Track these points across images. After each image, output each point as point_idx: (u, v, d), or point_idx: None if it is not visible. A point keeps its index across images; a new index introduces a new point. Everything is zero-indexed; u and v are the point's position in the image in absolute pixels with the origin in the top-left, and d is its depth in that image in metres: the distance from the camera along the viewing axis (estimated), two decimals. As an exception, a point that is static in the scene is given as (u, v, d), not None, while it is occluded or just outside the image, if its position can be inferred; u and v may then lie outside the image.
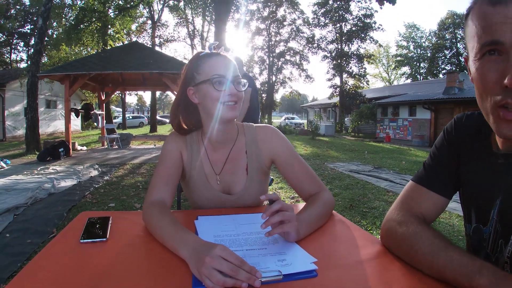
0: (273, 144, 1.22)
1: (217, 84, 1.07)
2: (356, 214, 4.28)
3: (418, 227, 0.78)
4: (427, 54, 43.75)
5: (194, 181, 1.20)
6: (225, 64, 1.09)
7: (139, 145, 13.77)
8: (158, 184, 1.10)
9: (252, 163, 1.22)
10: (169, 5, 28.94)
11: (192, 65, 1.14)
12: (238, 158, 1.22)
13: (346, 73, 31.07)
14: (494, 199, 0.75)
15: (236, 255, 0.68)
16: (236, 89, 1.09)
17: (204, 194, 1.20)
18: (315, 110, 38.13)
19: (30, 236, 3.39)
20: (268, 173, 1.28)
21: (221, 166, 1.21)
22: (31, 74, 10.69)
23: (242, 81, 1.12)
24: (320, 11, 31.95)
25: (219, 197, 1.20)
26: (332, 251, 0.86)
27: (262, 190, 1.25)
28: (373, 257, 0.81)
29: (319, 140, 17.85)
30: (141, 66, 10.37)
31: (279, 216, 0.82)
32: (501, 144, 0.76)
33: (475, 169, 0.81)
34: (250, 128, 1.26)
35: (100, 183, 6.03)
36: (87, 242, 0.86)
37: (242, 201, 1.21)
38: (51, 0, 12.16)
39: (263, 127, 1.27)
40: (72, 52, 20.21)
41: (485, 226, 0.78)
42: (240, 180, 1.21)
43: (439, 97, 16.31)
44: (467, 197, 0.85)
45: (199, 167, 1.20)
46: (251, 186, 1.21)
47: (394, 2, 13.75)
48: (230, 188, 1.22)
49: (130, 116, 38.49)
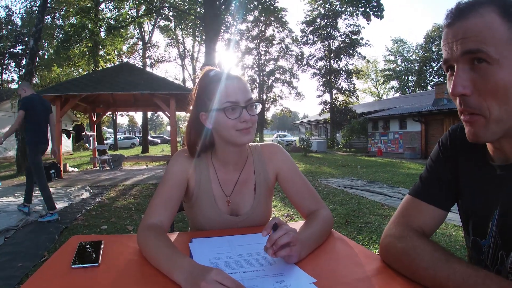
0: (277, 160, 1.24)
1: (230, 112, 1.04)
2: (352, 229, 4.25)
3: (417, 241, 0.77)
4: (415, 67, 44.72)
5: (201, 202, 1.17)
6: (236, 89, 1.05)
7: (131, 166, 13.65)
8: (158, 206, 1.06)
9: (260, 183, 1.21)
10: (159, 26, 29.30)
11: (202, 90, 1.11)
12: (247, 179, 1.21)
13: (336, 89, 31.47)
14: (492, 210, 0.75)
15: (233, 279, 0.66)
16: (250, 114, 1.06)
17: (211, 216, 1.17)
18: (307, 127, 38.39)
19: (21, 259, 3.30)
20: (272, 191, 1.27)
21: (231, 188, 1.19)
22: (22, 94, 10.62)
23: (255, 104, 1.08)
24: (308, 29, 32.59)
25: (226, 219, 1.17)
26: (331, 270, 0.84)
27: (268, 208, 1.24)
28: (374, 274, 0.80)
29: (312, 157, 17.89)
30: (132, 87, 10.40)
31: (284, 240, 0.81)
32: (496, 155, 0.76)
33: (472, 181, 0.81)
34: (256, 148, 1.27)
35: (92, 205, 5.92)
36: (78, 267, 0.83)
37: (248, 221, 1.19)
38: (43, 21, 12.23)
39: (268, 145, 1.28)
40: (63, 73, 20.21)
41: (483, 239, 0.78)
42: (248, 200, 1.20)
43: (429, 109, 16.55)
44: (465, 209, 0.84)
45: (207, 188, 1.17)
46: (258, 206, 1.20)
47: (381, 17, 14.09)
48: (237, 209, 1.19)
49: (122, 137, 38.29)
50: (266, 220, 1.24)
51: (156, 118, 79.39)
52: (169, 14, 21.43)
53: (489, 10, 0.64)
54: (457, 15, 0.67)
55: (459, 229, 4.16)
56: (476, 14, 0.64)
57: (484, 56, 0.63)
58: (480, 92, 0.65)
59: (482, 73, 0.64)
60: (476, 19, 0.64)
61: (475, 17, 0.64)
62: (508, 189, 0.72)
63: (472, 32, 0.64)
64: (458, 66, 0.67)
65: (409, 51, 46.56)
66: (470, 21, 0.64)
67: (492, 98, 0.64)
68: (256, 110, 1.09)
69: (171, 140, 11.37)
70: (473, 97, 0.65)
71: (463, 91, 0.65)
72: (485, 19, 0.63)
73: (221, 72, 1.11)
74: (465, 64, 0.66)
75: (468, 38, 0.64)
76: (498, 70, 0.62)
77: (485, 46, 0.62)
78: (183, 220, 4.53)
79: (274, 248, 0.79)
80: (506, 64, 0.62)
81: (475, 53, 0.63)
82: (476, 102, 0.65)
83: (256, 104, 1.09)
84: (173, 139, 11.10)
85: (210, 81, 1.09)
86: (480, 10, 0.64)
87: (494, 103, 0.64)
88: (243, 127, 1.05)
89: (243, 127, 1.05)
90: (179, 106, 11.28)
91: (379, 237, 3.84)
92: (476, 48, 0.63)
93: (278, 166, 1.23)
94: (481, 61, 0.64)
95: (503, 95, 0.63)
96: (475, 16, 0.64)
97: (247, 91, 1.07)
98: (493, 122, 0.65)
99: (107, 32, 18.20)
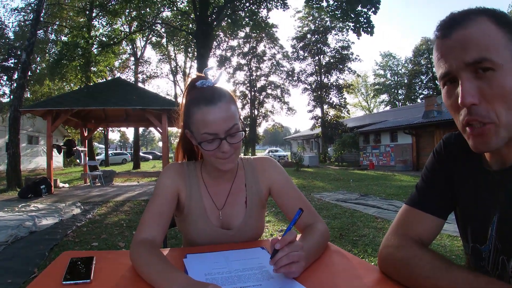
0: (270, 174, 1.21)
1: (207, 144, 0.99)
2: (346, 243, 4.22)
3: (417, 250, 0.77)
4: (404, 80, 45.51)
5: (192, 216, 1.14)
6: (216, 119, 0.97)
7: (123, 182, 13.49)
8: (149, 221, 1.02)
9: (252, 196, 1.18)
10: (151, 42, 29.46)
11: (185, 108, 1.06)
12: (238, 191, 1.18)
13: (327, 104, 31.80)
14: (491, 216, 0.75)
15: None
16: (230, 145, 1.00)
17: (202, 230, 1.14)
18: (298, 142, 38.55)
19: (11, 276, 3.23)
20: (265, 205, 1.25)
21: (223, 201, 1.17)
22: (14, 108, 10.58)
23: (237, 131, 1.01)
24: (298, 45, 33.10)
25: (218, 232, 1.14)
26: (330, 283, 0.82)
27: (260, 223, 1.22)
28: (373, 285, 0.78)
29: (304, 172, 17.91)
30: (124, 102, 10.37)
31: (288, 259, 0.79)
32: (491, 160, 0.77)
33: (468, 188, 0.82)
34: (248, 161, 1.24)
35: (83, 221, 5.82)
36: (70, 284, 0.80)
37: (241, 235, 1.16)
38: (35, 35, 12.25)
39: (260, 158, 1.26)
40: (55, 88, 20.11)
41: (483, 245, 0.78)
42: (239, 214, 1.17)
43: (419, 121, 16.77)
44: (463, 216, 0.84)
45: (198, 201, 1.14)
46: (250, 219, 1.17)
47: (371, 33, 14.34)
48: (229, 223, 1.17)
49: (113, 153, 37.97)
50: (258, 234, 1.22)
51: (147, 134, 79.12)
52: (161, 30, 21.59)
53: (483, 19, 0.65)
54: (452, 25, 0.67)
55: (454, 239, 4.16)
56: (472, 22, 0.65)
57: (489, 65, 0.63)
58: (488, 100, 0.65)
59: (488, 80, 0.64)
60: (473, 27, 0.65)
61: (472, 26, 0.65)
62: (506, 193, 0.72)
63: (472, 40, 0.64)
64: (462, 76, 0.66)
65: (398, 65, 47.50)
66: (468, 29, 0.65)
67: (500, 103, 0.64)
68: (240, 136, 1.03)
69: (163, 156, 11.29)
70: (481, 106, 0.65)
71: (472, 101, 0.64)
72: (482, 26, 0.64)
73: (210, 84, 1.05)
74: (470, 73, 0.65)
75: (469, 48, 0.64)
76: (503, 75, 0.63)
77: (488, 54, 0.63)
78: (176, 237, 4.46)
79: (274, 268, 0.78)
80: (509, 69, 0.63)
81: (480, 62, 0.64)
82: (484, 110, 0.65)
83: (238, 129, 1.02)
84: (165, 155, 11.02)
85: (191, 102, 1.03)
86: (475, 18, 0.65)
87: (502, 109, 0.64)
88: (222, 156, 1.01)
89: (222, 157, 1.01)
90: (171, 122, 11.21)
91: (374, 250, 3.82)
92: (481, 57, 0.63)
93: (271, 180, 1.20)
94: (486, 69, 0.64)
95: (511, 99, 0.64)
96: (471, 24, 0.65)
97: (228, 119, 0.98)
98: (503, 127, 0.65)
99: (99, 49, 18.24)
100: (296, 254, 0.80)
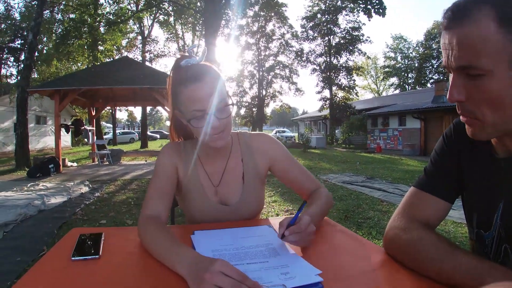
0: (270, 151, 1.22)
1: (196, 121, 0.99)
2: (351, 225, 4.25)
3: (423, 232, 0.77)
4: (415, 64, 44.62)
5: (191, 194, 1.16)
6: (203, 94, 0.97)
7: (130, 161, 13.64)
8: (152, 198, 1.06)
9: (249, 171, 1.20)
10: (159, 21, 29.13)
11: (172, 90, 1.05)
12: (235, 167, 1.20)
13: (336, 85, 31.45)
14: (497, 203, 0.75)
15: (238, 270, 0.65)
16: (219, 120, 0.99)
17: (201, 206, 1.16)
18: (306, 123, 38.37)
19: (20, 254, 3.30)
20: (264, 181, 1.26)
21: (219, 178, 1.18)
22: (21, 89, 10.61)
23: (226, 106, 1.01)
24: (308, 25, 32.47)
25: (217, 209, 1.16)
26: (336, 262, 0.83)
27: (259, 198, 1.23)
28: (379, 267, 0.79)
29: (311, 153, 17.90)
30: (131, 81, 10.34)
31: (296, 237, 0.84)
32: (500, 148, 0.76)
33: (476, 174, 0.81)
34: (245, 136, 1.25)
35: (91, 200, 5.92)
36: (79, 260, 0.82)
37: (240, 210, 1.18)
38: (42, 15, 12.17)
39: (258, 134, 1.27)
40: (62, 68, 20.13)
41: (487, 231, 0.78)
42: (237, 189, 1.18)
43: (428, 106, 16.53)
44: (469, 202, 0.84)
45: (195, 179, 1.16)
46: (248, 194, 1.19)
47: (383, 14, 14.02)
48: (227, 198, 1.18)
49: (121, 132, 38.23)
50: (258, 210, 1.24)
51: (155, 113, 79.31)
52: (168, 8, 21.33)
53: (486, 15, 0.61)
54: (453, 18, 0.65)
55: (458, 225, 4.17)
56: (471, 20, 0.62)
57: (477, 72, 0.63)
58: (474, 101, 0.66)
59: (476, 83, 0.64)
60: (470, 27, 0.62)
61: (470, 25, 0.62)
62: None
63: (467, 42, 0.63)
64: (453, 73, 0.68)
65: (409, 48, 46.45)
66: (464, 29, 0.63)
67: (486, 106, 0.65)
68: (228, 111, 1.02)
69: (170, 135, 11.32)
70: (468, 103, 0.67)
71: (458, 98, 0.67)
72: (479, 27, 0.61)
73: (194, 62, 1.03)
74: (460, 72, 0.66)
75: (461, 50, 0.64)
76: (491, 80, 0.62)
77: (478, 61, 0.62)
78: (183, 215, 4.51)
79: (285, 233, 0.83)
80: (499, 73, 0.62)
81: (468, 68, 0.64)
82: (471, 108, 0.67)
83: (227, 103, 1.02)
84: (172, 134, 11.06)
85: (177, 82, 1.03)
86: (476, 15, 0.62)
87: (488, 111, 0.65)
88: (212, 132, 1.00)
89: (213, 133, 1.00)
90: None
91: (378, 233, 3.85)
92: (469, 64, 0.63)
93: (272, 157, 1.22)
94: (474, 75, 0.64)
95: (496, 104, 0.64)
96: (470, 23, 0.62)
97: (216, 94, 0.98)
98: (488, 126, 0.67)
99: (106, 28, 18.11)
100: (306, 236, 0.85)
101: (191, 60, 1.03)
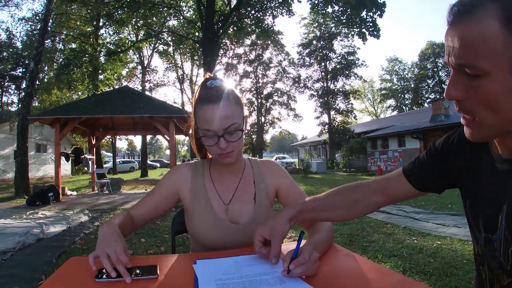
0: (277, 177, 1.28)
1: (206, 139, 1.07)
2: (356, 249, 4.16)
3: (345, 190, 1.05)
4: (411, 85, 45.33)
5: (199, 212, 1.18)
6: (216, 117, 1.03)
7: (130, 190, 13.53)
8: (140, 204, 1.20)
9: (260, 193, 1.23)
10: (158, 51, 29.73)
11: (194, 105, 1.12)
12: (247, 188, 1.23)
13: (334, 110, 31.74)
14: (501, 205, 0.73)
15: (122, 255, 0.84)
16: (227, 142, 1.06)
17: (210, 224, 1.16)
18: (306, 148, 38.44)
19: (18, 282, 3.22)
20: (272, 204, 1.29)
21: (230, 196, 1.21)
22: (22, 117, 10.70)
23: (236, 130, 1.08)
24: (304, 51, 33.21)
25: (226, 226, 1.16)
26: (344, 287, 0.80)
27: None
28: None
29: (312, 178, 17.82)
30: (131, 110, 10.42)
31: (302, 269, 0.82)
32: (503, 150, 0.75)
33: (479, 178, 0.80)
34: (256, 162, 1.32)
35: (91, 229, 5.83)
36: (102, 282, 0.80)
37: (249, 230, 1.15)
38: (43, 44, 12.42)
39: (267, 161, 1.34)
40: (63, 97, 20.34)
41: (494, 234, 0.76)
42: (248, 209, 1.20)
43: (427, 126, 16.64)
44: (474, 207, 0.83)
45: (204, 197, 1.19)
46: (259, 215, 1.20)
47: (378, 36, 14.34)
48: (237, 217, 1.19)
49: (121, 161, 38.17)
50: None
51: (155, 142, 79.59)
52: (167, 38, 21.81)
53: (490, 13, 0.59)
54: (458, 14, 0.64)
55: (465, 243, 4.09)
56: (474, 18, 0.61)
57: (476, 72, 0.62)
58: (472, 101, 0.65)
59: (474, 83, 0.64)
60: (472, 25, 0.61)
61: (472, 23, 0.61)
62: None
63: (467, 41, 0.61)
64: (453, 71, 0.67)
65: (404, 70, 47.35)
66: (467, 27, 0.61)
67: (483, 108, 0.64)
68: (238, 135, 1.09)
69: (171, 164, 11.29)
70: (466, 102, 0.66)
71: (455, 95, 0.66)
72: (481, 25, 0.60)
73: (217, 85, 1.09)
74: (459, 71, 0.66)
75: (461, 49, 0.63)
76: (489, 82, 0.61)
77: (477, 61, 0.61)
78: (184, 244, 4.44)
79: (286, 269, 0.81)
80: (499, 74, 0.60)
81: (467, 67, 0.63)
82: (468, 107, 0.67)
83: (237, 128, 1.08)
84: (172, 163, 11.01)
85: (198, 100, 1.10)
86: (480, 13, 0.60)
87: (485, 112, 0.64)
88: (220, 152, 1.07)
89: (221, 153, 1.08)
90: (178, 130, 11.27)
91: (384, 256, 3.77)
92: (468, 63, 0.62)
93: (278, 182, 1.27)
94: (473, 75, 0.63)
95: (494, 105, 0.63)
96: (473, 21, 0.61)
97: (227, 118, 1.05)
98: (485, 127, 0.67)
99: (106, 57, 18.45)
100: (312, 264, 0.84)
101: (215, 82, 1.10)
